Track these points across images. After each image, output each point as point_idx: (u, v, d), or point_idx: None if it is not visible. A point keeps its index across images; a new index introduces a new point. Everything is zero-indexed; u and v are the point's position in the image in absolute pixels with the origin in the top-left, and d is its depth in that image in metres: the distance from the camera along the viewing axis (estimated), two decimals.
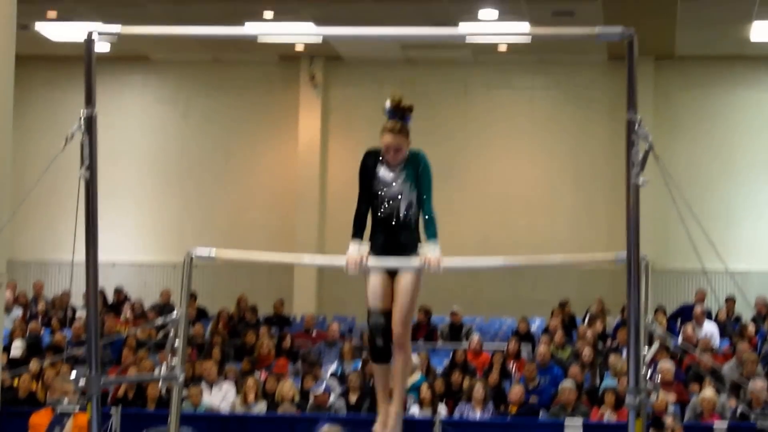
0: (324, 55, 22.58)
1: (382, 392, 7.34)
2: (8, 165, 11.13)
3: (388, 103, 6.97)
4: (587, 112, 22.11)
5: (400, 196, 7.02)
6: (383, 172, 7.03)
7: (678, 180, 6.04)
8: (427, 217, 6.95)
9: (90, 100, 6.23)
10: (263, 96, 23.02)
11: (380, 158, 7.02)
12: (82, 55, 6.29)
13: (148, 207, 23.18)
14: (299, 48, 22.18)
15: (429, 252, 6.89)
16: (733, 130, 21.84)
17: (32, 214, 21.17)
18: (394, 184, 7.03)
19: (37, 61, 22.13)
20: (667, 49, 21.09)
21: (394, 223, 7.05)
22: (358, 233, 6.95)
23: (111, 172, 20.63)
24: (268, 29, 19.18)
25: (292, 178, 22.76)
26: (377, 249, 7.05)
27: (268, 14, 19.38)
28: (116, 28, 6.43)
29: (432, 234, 6.91)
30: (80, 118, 6.20)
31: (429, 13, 19.03)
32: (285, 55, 22.67)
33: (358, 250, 6.89)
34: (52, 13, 19.91)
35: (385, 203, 7.04)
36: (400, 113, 6.95)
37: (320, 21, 19.25)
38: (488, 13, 19.16)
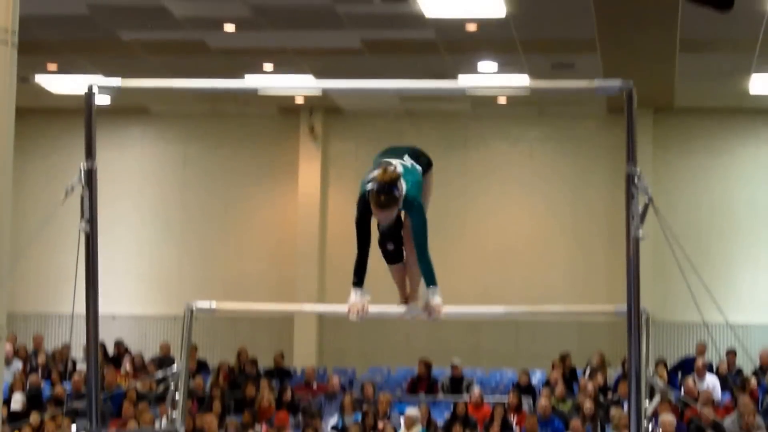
0: (323, 107, 22.69)
1: (399, 285, 7.49)
2: (8, 217, 11.12)
3: (374, 185, 6.79)
4: (586, 164, 22.18)
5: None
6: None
7: (677, 232, 6.07)
8: (420, 261, 6.89)
9: (90, 154, 6.25)
10: (263, 147, 23.10)
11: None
12: (83, 107, 6.30)
13: (148, 259, 23.19)
14: (299, 100, 22.28)
15: (429, 299, 6.88)
16: (732, 182, 21.91)
17: (32, 267, 21.17)
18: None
19: (37, 113, 22.23)
20: (666, 101, 21.19)
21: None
22: (358, 282, 6.93)
23: (111, 224, 20.65)
24: (268, 82, 19.28)
25: (292, 229, 22.79)
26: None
27: (268, 66, 19.49)
28: (116, 81, 6.45)
29: (430, 281, 6.87)
30: (80, 171, 6.20)
31: (428, 65, 19.14)
32: (285, 107, 22.75)
33: (360, 298, 6.90)
34: (52, 66, 20.02)
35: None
36: (386, 188, 6.78)
37: (319, 74, 19.35)
38: (487, 66, 19.28)
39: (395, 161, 6.95)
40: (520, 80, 19.65)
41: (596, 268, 21.77)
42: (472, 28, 17.21)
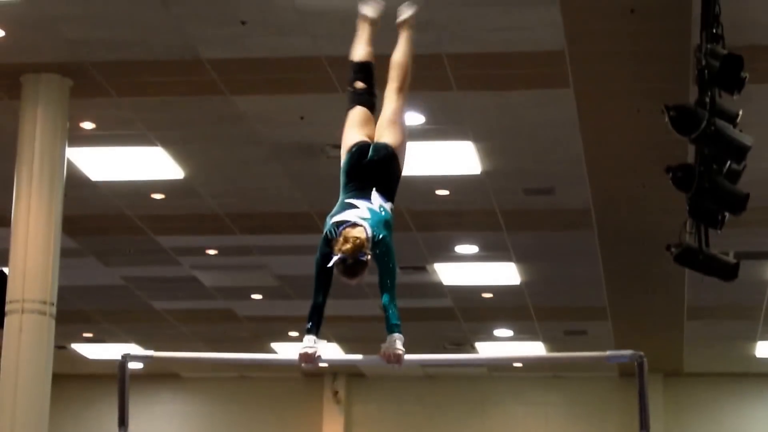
0: (346, 372, 23.06)
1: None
2: None
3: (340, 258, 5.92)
4: (600, 427, 22.40)
5: None
6: None
7: None
8: (386, 306, 6.01)
9: (123, 422, 6.34)
10: (288, 411, 23.33)
11: None
12: (116, 373, 6.39)
13: None
14: (323, 365, 22.57)
15: (390, 345, 6.02)
16: None
17: None
18: None
19: (72, 379, 22.66)
20: (676, 366, 21.52)
21: None
22: (312, 328, 6.08)
23: None
24: (292, 351, 19.75)
25: None
26: None
27: (294, 333, 20.02)
28: (149, 352, 6.62)
29: (395, 327, 6.02)
30: None
31: (446, 331, 19.71)
32: (309, 371, 23.14)
33: (312, 345, 6.09)
34: (87, 334, 20.56)
35: None
36: (353, 259, 5.88)
37: (344, 341, 19.84)
38: (503, 332, 19.83)
39: (361, 207, 6.07)
40: (535, 346, 20.15)
41: None
42: (487, 295, 17.85)
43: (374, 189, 6.16)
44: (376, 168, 6.24)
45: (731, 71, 8.73)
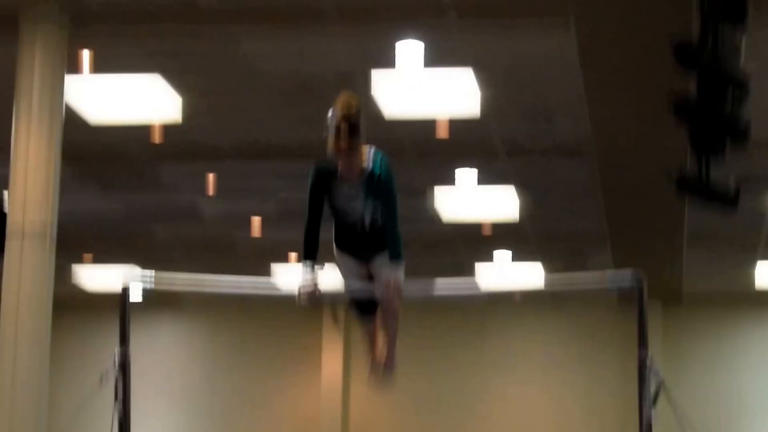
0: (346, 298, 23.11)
1: (369, 340, 6.90)
2: (44, 403, 11.56)
3: (332, 117, 5.95)
4: (599, 351, 22.54)
5: (362, 211, 6.20)
6: (340, 188, 6.16)
7: (688, 416, 6.22)
8: (389, 234, 6.12)
9: (124, 341, 6.44)
10: (287, 336, 23.49)
11: (336, 174, 6.13)
12: (115, 300, 6.56)
13: None
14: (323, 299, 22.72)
15: (390, 274, 6.18)
16: (740, 369, 22.34)
17: None
18: (353, 200, 6.19)
19: (72, 303, 22.78)
20: (675, 294, 21.64)
21: (359, 231, 6.28)
22: (309, 254, 6.16)
23: (142, 407, 21.03)
24: (294, 274, 19.85)
25: (315, 416, 23.07)
26: (344, 247, 6.44)
27: (293, 256, 20.12)
28: (150, 272, 6.79)
29: (395, 254, 6.12)
30: (114, 355, 6.40)
31: (444, 259, 19.83)
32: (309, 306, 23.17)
33: (311, 278, 6.18)
34: (88, 257, 20.71)
35: (347, 217, 6.26)
36: (350, 118, 5.92)
37: None
38: (503, 255, 19.92)
39: None
40: (535, 269, 20.29)
41: None
42: (487, 222, 17.80)
43: None
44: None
45: (735, 2, 8.67)
